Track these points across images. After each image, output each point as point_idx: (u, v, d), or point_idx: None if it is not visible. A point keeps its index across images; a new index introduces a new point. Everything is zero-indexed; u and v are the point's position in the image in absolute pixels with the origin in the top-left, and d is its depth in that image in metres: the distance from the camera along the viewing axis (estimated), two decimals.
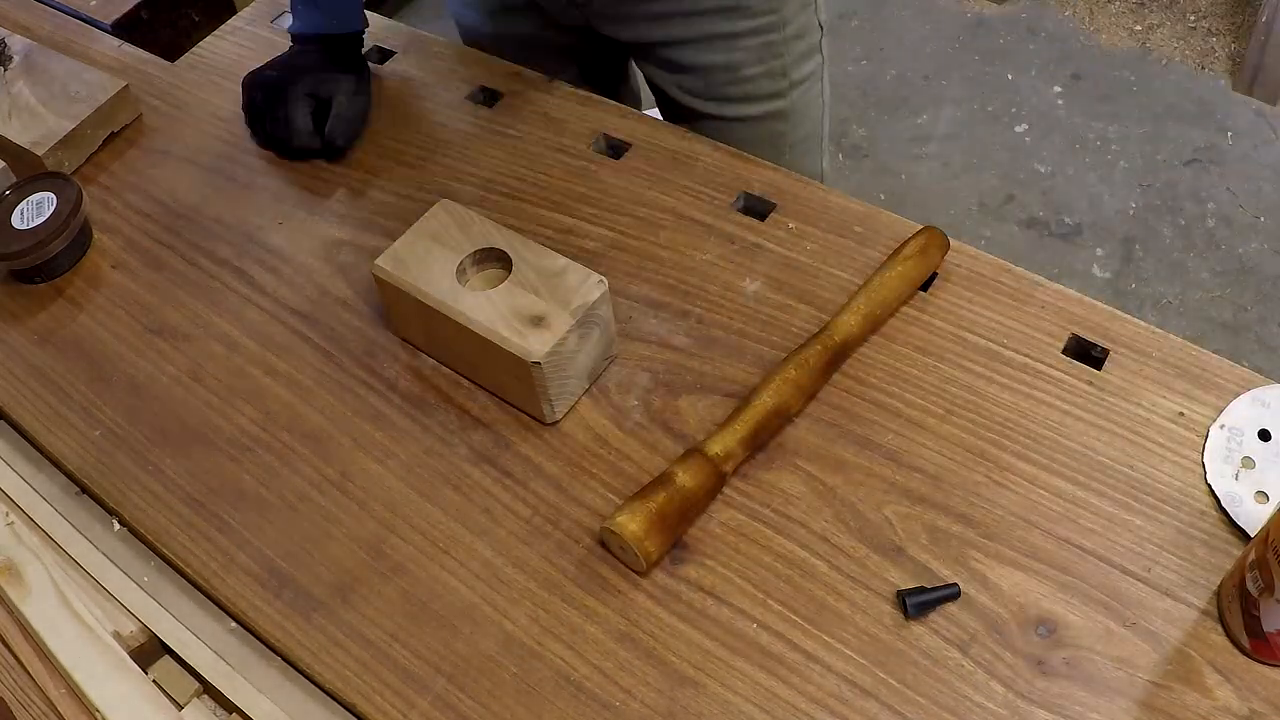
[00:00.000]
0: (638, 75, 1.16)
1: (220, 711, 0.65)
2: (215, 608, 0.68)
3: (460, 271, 0.72)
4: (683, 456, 0.66)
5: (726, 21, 0.93)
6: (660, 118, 1.08)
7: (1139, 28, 2.30)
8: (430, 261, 0.73)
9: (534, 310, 0.69)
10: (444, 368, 0.76)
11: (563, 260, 0.72)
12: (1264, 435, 0.67)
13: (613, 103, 0.93)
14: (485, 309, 0.70)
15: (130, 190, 0.92)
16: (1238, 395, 0.69)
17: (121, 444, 0.75)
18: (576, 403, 0.73)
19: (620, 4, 0.94)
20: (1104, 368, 0.71)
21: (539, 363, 0.67)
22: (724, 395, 0.72)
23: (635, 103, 1.19)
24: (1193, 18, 2.29)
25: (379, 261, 0.74)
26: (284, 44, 1.02)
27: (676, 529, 0.65)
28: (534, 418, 0.73)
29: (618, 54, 1.11)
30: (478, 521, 0.69)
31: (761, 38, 0.95)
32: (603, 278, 0.70)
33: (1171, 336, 0.72)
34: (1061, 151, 2.09)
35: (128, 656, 0.65)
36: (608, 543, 0.66)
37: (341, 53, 0.94)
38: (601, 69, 1.09)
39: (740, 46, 0.95)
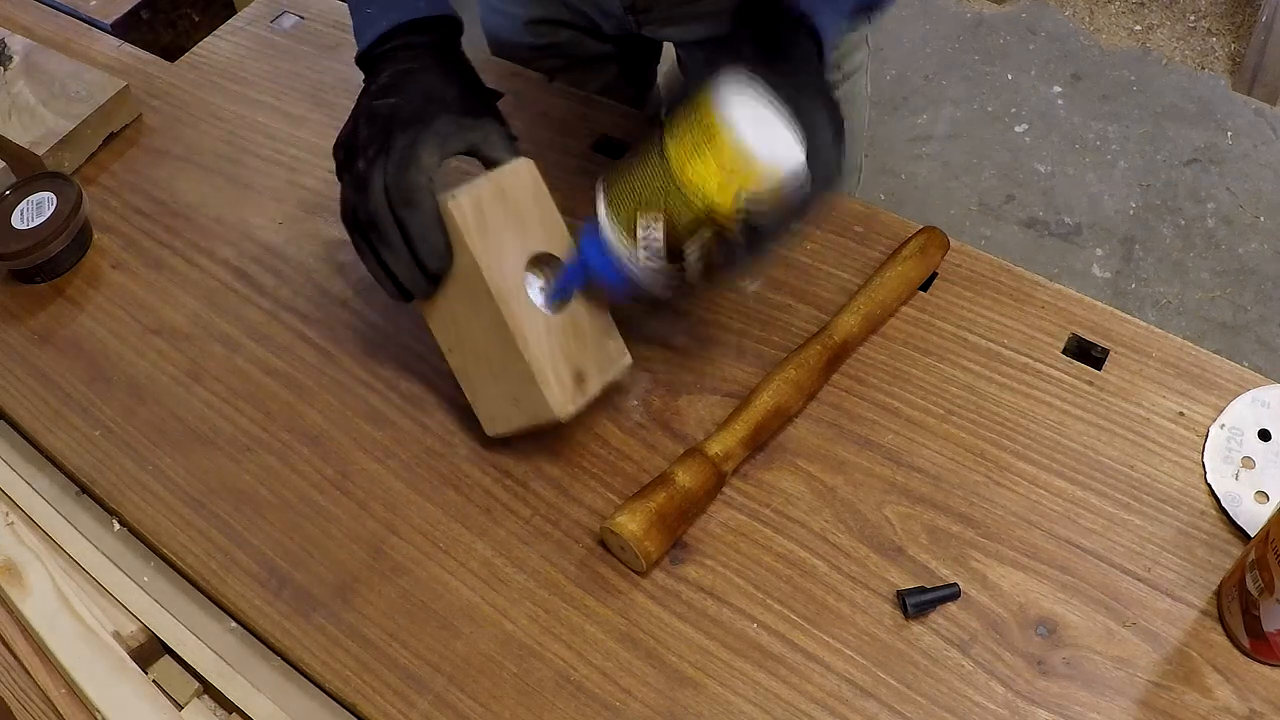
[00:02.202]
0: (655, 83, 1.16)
1: (220, 711, 0.65)
2: (215, 608, 0.68)
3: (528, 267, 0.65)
4: (683, 456, 0.66)
5: None
6: None
7: (1139, 28, 2.30)
8: (505, 238, 0.63)
9: (578, 361, 0.65)
10: (445, 368, 0.76)
11: (609, 317, 0.69)
12: (1264, 435, 0.67)
13: (613, 103, 0.93)
14: (542, 335, 0.63)
15: (130, 190, 0.92)
16: (1238, 395, 0.69)
17: (121, 444, 0.75)
18: None
19: (683, 5, 0.93)
20: (1104, 368, 0.71)
21: (562, 420, 0.65)
22: (724, 395, 0.72)
23: (657, 108, 1.19)
24: (1193, 18, 2.29)
25: (461, 200, 0.61)
26: (285, 44, 1.02)
27: (676, 529, 0.65)
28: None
29: (652, 60, 1.11)
30: (478, 521, 0.69)
31: None
32: (630, 360, 0.69)
33: (1171, 336, 0.72)
34: (1061, 151, 2.09)
35: (128, 656, 0.65)
36: (607, 543, 0.66)
37: (453, 59, 0.69)
38: (634, 75, 1.09)
39: None
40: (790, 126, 0.57)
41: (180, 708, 0.64)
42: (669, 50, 1.06)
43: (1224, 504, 0.64)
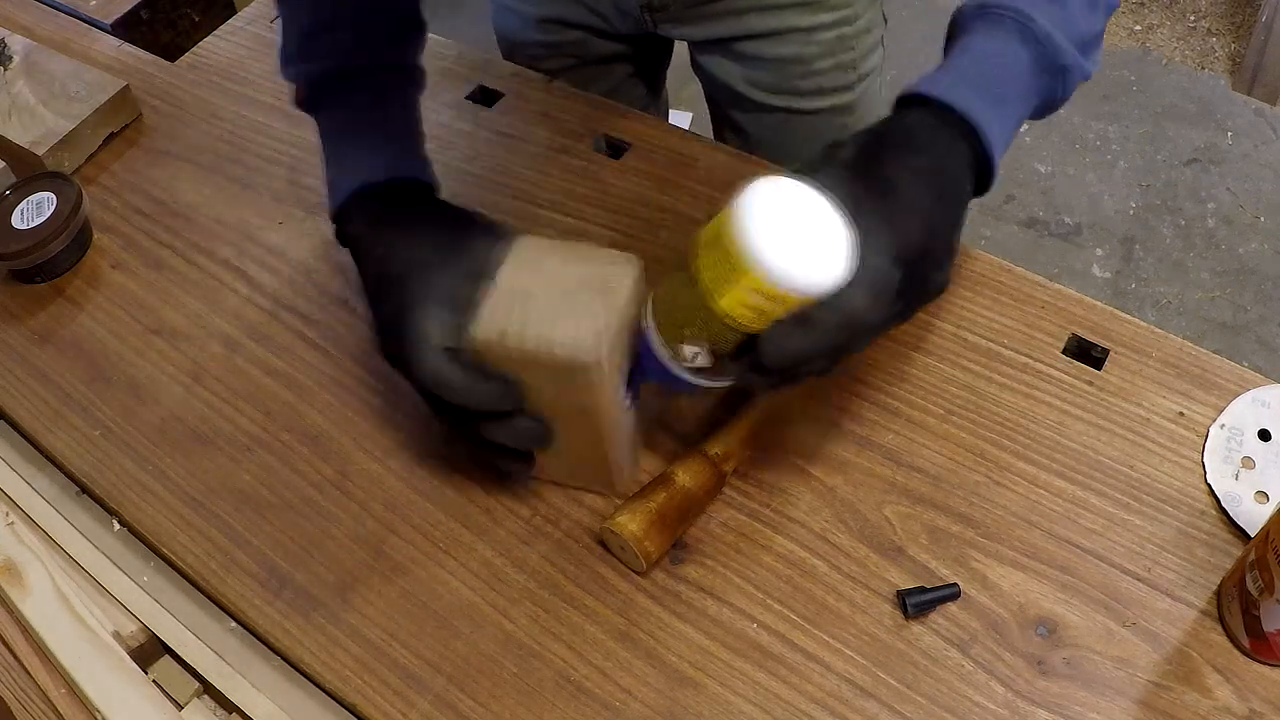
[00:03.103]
0: (665, 86, 1.16)
1: (220, 711, 0.65)
2: (215, 608, 0.68)
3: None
4: (683, 456, 0.66)
5: (804, 15, 0.93)
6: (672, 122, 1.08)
7: (1139, 28, 2.30)
8: (621, 363, 0.60)
9: (637, 440, 0.67)
10: None
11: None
12: (1264, 435, 0.67)
13: (613, 103, 0.93)
14: (627, 437, 0.64)
15: (130, 190, 0.92)
16: (1238, 395, 0.69)
17: (121, 444, 0.75)
18: None
19: (698, 4, 0.94)
20: (1104, 368, 0.71)
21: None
22: (724, 395, 0.72)
23: (664, 112, 1.19)
24: (1193, 18, 2.30)
25: (602, 354, 0.57)
26: None
27: (676, 529, 0.65)
28: None
29: (664, 60, 1.11)
30: (478, 521, 0.69)
31: (836, 31, 0.95)
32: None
33: (1171, 336, 0.72)
34: (1061, 151, 2.09)
35: (128, 656, 0.65)
36: (607, 543, 0.66)
37: (425, 216, 0.67)
38: (645, 75, 1.09)
39: (815, 40, 0.95)
40: (832, 236, 0.51)
41: (180, 708, 0.64)
42: (681, 50, 1.06)
43: (1224, 504, 0.64)
